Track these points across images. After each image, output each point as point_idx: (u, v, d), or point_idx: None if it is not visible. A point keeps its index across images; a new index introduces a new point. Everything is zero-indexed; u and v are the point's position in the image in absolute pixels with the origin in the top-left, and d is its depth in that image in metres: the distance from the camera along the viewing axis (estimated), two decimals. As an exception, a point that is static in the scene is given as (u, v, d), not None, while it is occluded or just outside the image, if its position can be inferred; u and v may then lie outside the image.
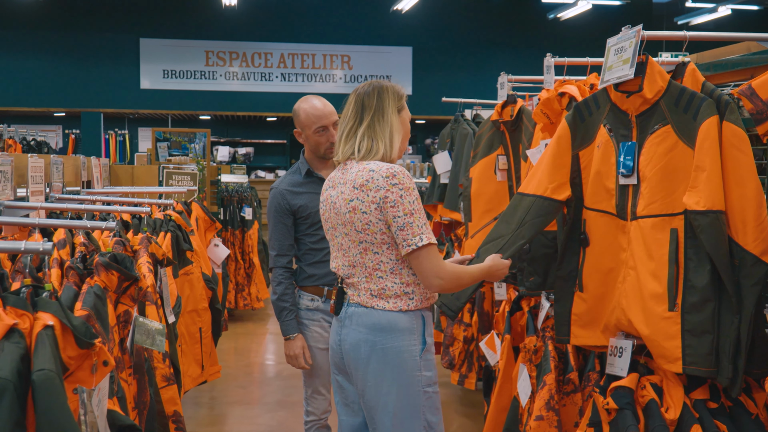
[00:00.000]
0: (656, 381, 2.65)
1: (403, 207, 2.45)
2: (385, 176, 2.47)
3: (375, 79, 2.71)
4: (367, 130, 2.58)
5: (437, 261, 2.48)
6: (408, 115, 2.70)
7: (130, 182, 6.04)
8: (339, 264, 2.65)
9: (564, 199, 2.87)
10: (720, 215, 2.42)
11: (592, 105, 2.81)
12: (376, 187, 2.47)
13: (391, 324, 2.54)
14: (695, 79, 2.62)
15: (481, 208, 4.19)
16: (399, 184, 2.46)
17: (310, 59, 15.41)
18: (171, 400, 2.94)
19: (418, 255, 2.47)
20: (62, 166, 3.85)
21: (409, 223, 2.45)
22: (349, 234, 2.56)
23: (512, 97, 4.00)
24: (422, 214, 2.48)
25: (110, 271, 2.40)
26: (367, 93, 2.62)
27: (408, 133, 2.71)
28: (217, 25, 14.97)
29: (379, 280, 2.55)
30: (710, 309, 2.48)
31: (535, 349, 3.47)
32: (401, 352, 2.54)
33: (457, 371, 4.95)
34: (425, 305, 2.61)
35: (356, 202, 2.51)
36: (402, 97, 2.66)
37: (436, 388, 2.62)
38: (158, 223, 3.87)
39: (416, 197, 2.48)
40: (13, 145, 9.41)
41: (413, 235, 2.45)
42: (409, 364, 2.55)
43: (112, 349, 2.35)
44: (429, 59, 15.65)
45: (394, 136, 2.60)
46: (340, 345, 2.63)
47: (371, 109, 2.60)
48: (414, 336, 2.56)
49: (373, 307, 2.56)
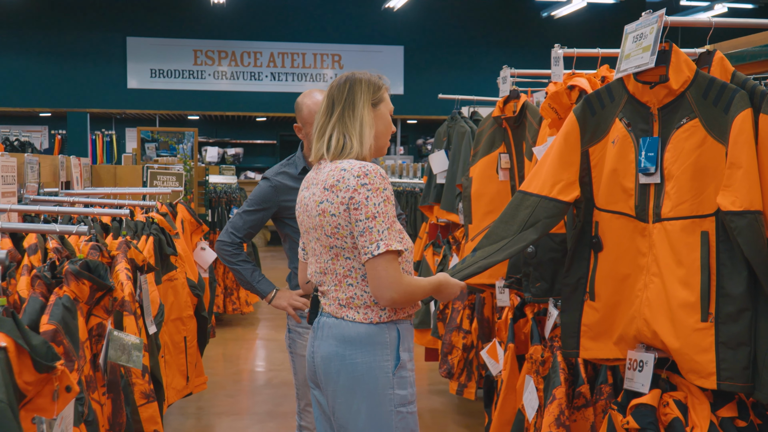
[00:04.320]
0: (680, 398, 2.44)
1: (366, 210, 2.25)
2: (356, 175, 2.27)
3: (355, 70, 2.50)
4: (337, 126, 2.38)
5: (393, 272, 2.26)
6: (388, 108, 2.49)
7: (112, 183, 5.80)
8: (312, 270, 2.47)
9: (571, 200, 2.63)
10: (758, 216, 2.21)
11: (605, 97, 2.59)
12: (345, 187, 2.28)
13: (360, 337, 2.34)
14: (724, 69, 2.40)
15: (482, 210, 3.97)
16: (368, 185, 2.26)
17: (300, 58, 15.21)
18: (151, 419, 2.71)
19: (374, 264, 2.26)
20: (38, 166, 3.61)
21: (369, 228, 2.24)
22: (320, 239, 2.37)
23: (515, 92, 3.79)
24: (388, 218, 2.26)
25: (81, 280, 2.17)
26: (338, 85, 2.43)
27: (388, 128, 2.49)
28: (206, 24, 14.75)
29: (349, 288, 2.35)
30: (747, 319, 2.26)
31: (542, 359, 3.26)
32: (372, 368, 2.33)
33: (455, 380, 4.73)
34: (402, 317, 2.40)
35: (326, 204, 2.32)
36: (379, 90, 2.45)
37: (411, 408, 2.40)
38: (140, 226, 3.64)
39: (385, 199, 2.27)
40: (-5, 145, 9.17)
41: (371, 242, 2.24)
42: (380, 382, 2.34)
43: (83, 367, 2.12)
44: (421, 58, 15.46)
45: (364, 131, 2.38)
46: (313, 357, 2.44)
47: (341, 102, 2.40)
48: (386, 351, 2.35)
49: (343, 317, 2.36)
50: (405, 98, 15.39)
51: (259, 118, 17.24)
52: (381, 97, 2.45)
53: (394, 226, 2.28)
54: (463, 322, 4.64)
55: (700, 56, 2.49)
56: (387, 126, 2.48)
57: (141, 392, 2.72)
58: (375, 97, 2.43)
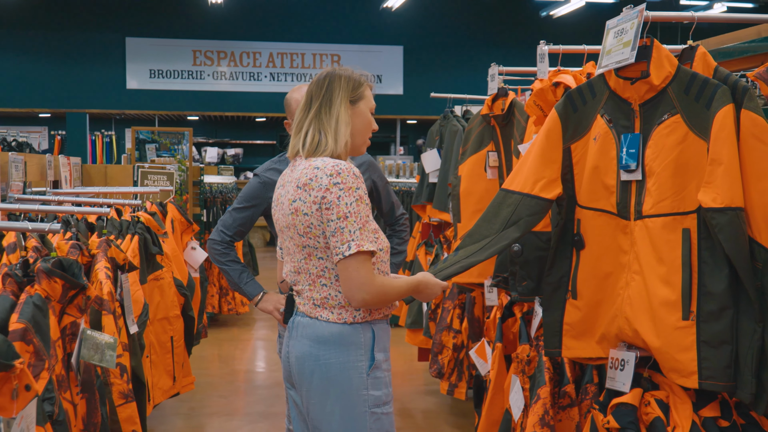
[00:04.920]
0: (662, 397, 2.41)
1: (338, 210, 2.21)
2: (329, 174, 2.23)
3: (336, 66, 2.46)
4: (313, 122, 2.35)
5: (365, 273, 2.23)
6: (368, 106, 2.43)
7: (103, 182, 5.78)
8: (287, 269, 2.44)
9: (554, 197, 2.60)
10: (740, 212, 2.18)
11: (587, 93, 2.56)
12: (318, 186, 2.24)
13: (334, 337, 2.31)
14: (707, 64, 2.37)
15: (471, 208, 3.94)
16: (340, 184, 2.22)
17: (299, 59, 15.18)
18: (129, 419, 2.69)
19: (345, 265, 2.22)
20: (22, 165, 3.59)
21: (340, 228, 2.21)
22: (293, 238, 2.34)
23: (503, 89, 3.76)
24: (360, 218, 2.23)
25: (53, 279, 2.14)
26: (318, 81, 2.40)
27: (367, 126, 2.44)
28: (205, 24, 14.73)
29: (323, 288, 2.32)
30: (729, 317, 2.23)
31: (528, 359, 3.23)
32: (346, 368, 2.30)
33: (446, 380, 4.70)
34: (377, 317, 2.37)
35: (298, 203, 2.28)
36: (359, 87, 2.40)
37: (387, 409, 2.37)
38: (125, 225, 3.61)
39: (357, 198, 2.23)
40: (-9, 145, 9.15)
41: (342, 242, 2.21)
42: (354, 382, 2.31)
43: (54, 366, 2.09)
44: (420, 58, 15.43)
45: (340, 128, 2.34)
46: (288, 357, 2.42)
47: (319, 98, 2.36)
48: (360, 351, 2.32)
49: (317, 317, 2.33)
50: (404, 98, 15.37)
51: (258, 119, 17.22)
52: (361, 94, 2.41)
53: (367, 225, 2.24)
54: (454, 322, 4.61)
55: (682, 52, 2.46)
56: (366, 124, 2.44)
57: (119, 392, 2.70)
58: (354, 94, 2.39)
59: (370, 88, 2.48)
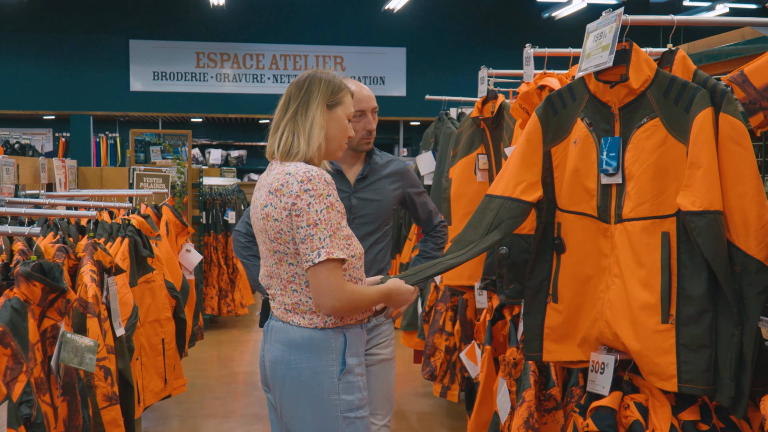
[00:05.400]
0: (641, 400, 2.41)
1: (308, 217, 2.21)
2: (299, 180, 2.22)
3: (320, 69, 2.46)
4: (289, 124, 2.34)
5: (335, 280, 2.22)
6: (346, 112, 2.42)
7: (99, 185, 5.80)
8: (262, 273, 2.45)
9: (534, 200, 2.60)
10: (718, 216, 2.18)
11: (567, 96, 2.56)
12: (288, 192, 2.23)
13: (305, 342, 2.31)
14: (686, 68, 2.37)
15: (462, 211, 3.96)
16: (311, 191, 2.21)
17: (302, 60, 15.18)
18: (113, 421, 2.70)
19: (315, 272, 2.22)
20: (14, 168, 3.61)
21: (310, 235, 2.21)
22: (265, 242, 2.35)
23: (493, 92, 3.77)
24: (331, 225, 2.22)
25: (32, 282, 2.16)
26: (298, 82, 2.39)
27: (343, 132, 2.42)
28: (208, 27, 14.76)
29: (294, 294, 2.33)
30: (708, 320, 2.24)
31: (514, 361, 3.24)
32: (317, 373, 2.31)
33: (439, 382, 4.71)
34: (350, 322, 2.37)
35: (269, 209, 2.29)
36: (338, 92, 2.39)
37: (361, 413, 2.37)
38: (115, 228, 3.63)
39: (327, 206, 2.23)
40: (-6, 148, 9.20)
41: (312, 249, 2.20)
42: (325, 387, 2.31)
43: (32, 369, 2.11)
44: (423, 60, 15.42)
45: (313, 132, 2.32)
46: (264, 361, 2.43)
47: (297, 100, 2.35)
48: (332, 356, 2.32)
49: (289, 322, 2.34)
50: (407, 100, 15.36)
51: (262, 120, 17.22)
52: (339, 99, 2.40)
53: (338, 233, 2.24)
54: (446, 324, 4.62)
55: (663, 55, 2.46)
56: (341, 130, 2.42)
57: (103, 395, 2.71)
58: (332, 99, 2.38)
59: (351, 96, 2.48)
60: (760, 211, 2.14)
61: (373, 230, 3.04)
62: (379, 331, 3.09)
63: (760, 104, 2.00)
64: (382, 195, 3.07)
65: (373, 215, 3.04)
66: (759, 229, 2.14)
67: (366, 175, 3.05)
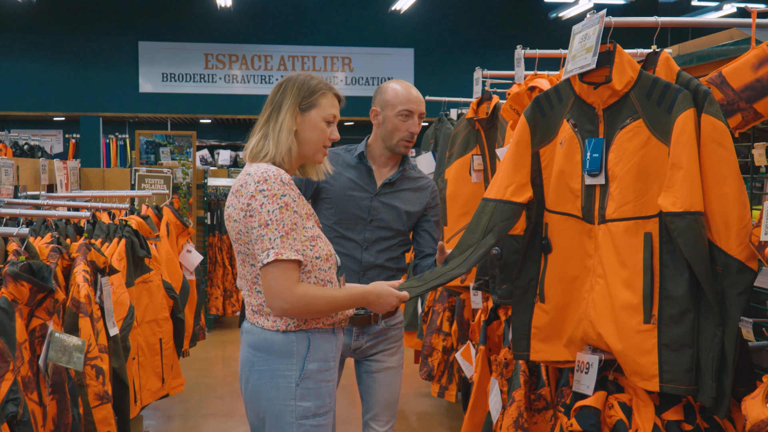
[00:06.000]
0: (625, 400, 2.42)
1: (260, 217, 2.20)
2: (256, 181, 2.22)
3: (300, 72, 2.50)
4: (263, 127, 2.35)
5: (283, 282, 2.19)
6: (322, 115, 2.38)
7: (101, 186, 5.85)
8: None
9: (524, 201, 2.61)
10: (699, 217, 2.19)
11: (554, 98, 2.57)
12: (246, 192, 2.23)
13: (267, 344, 2.30)
14: (669, 69, 2.38)
15: (457, 212, 3.97)
16: (265, 191, 2.20)
17: (310, 61, 15.21)
18: (104, 420, 2.73)
19: (264, 273, 2.21)
20: (12, 170, 3.65)
21: (261, 236, 2.19)
22: (233, 243, 2.37)
23: (487, 93, 3.78)
24: (283, 225, 2.20)
25: (20, 282, 2.19)
26: (277, 84, 2.41)
27: (319, 135, 2.38)
28: (216, 28, 14.81)
29: (258, 295, 2.32)
30: (690, 321, 2.25)
31: (506, 362, 3.25)
32: (275, 377, 2.29)
33: (436, 382, 4.72)
34: (316, 326, 2.33)
35: (230, 210, 2.30)
36: (311, 94, 2.36)
37: (319, 421, 2.32)
38: (112, 229, 3.67)
39: (281, 206, 2.20)
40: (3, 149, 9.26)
41: (262, 249, 2.19)
42: (281, 392, 2.29)
43: (19, 368, 2.14)
44: (431, 60, 15.43)
45: (282, 135, 2.31)
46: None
47: (272, 103, 2.37)
48: (291, 360, 2.29)
49: (255, 323, 2.33)
50: (415, 101, 15.35)
51: (270, 121, 17.26)
52: (313, 102, 2.37)
53: (291, 234, 2.21)
54: (443, 324, 4.63)
55: (647, 56, 2.47)
56: (317, 133, 2.39)
57: (95, 393, 2.75)
58: (305, 102, 2.36)
59: (336, 98, 2.45)
60: (741, 212, 2.15)
61: (388, 236, 3.01)
62: (386, 336, 3.06)
63: (738, 105, 2.01)
64: (403, 205, 3.04)
65: (390, 221, 3.01)
66: (740, 229, 2.15)
67: (394, 181, 3.03)
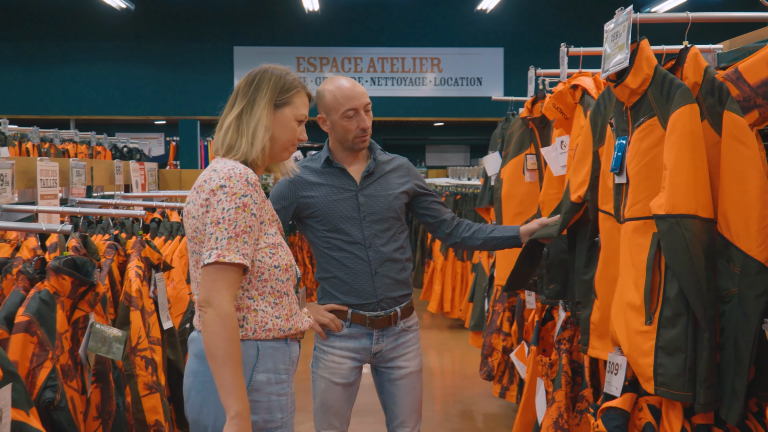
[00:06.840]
0: (654, 402, 2.38)
1: (213, 214, 2.04)
2: (221, 177, 2.07)
3: (274, 65, 2.26)
4: (234, 121, 2.18)
5: (220, 285, 2.01)
6: (294, 114, 2.23)
7: (177, 186, 6.07)
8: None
9: (576, 200, 2.72)
10: (681, 220, 2.14)
11: (606, 98, 2.60)
12: (207, 188, 2.08)
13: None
14: (697, 65, 2.33)
15: (512, 211, 3.96)
16: (227, 188, 2.05)
17: (399, 63, 15.33)
18: (153, 409, 2.86)
19: (204, 273, 2.04)
20: (84, 171, 3.86)
21: (210, 234, 2.04)
22: (188, 241, 2.19)
23: (542, 92, 3.76)
24: (236, 227, 2.03)
25: (61, 276, 2.33)
26: (248, 76, 2.23)
27: (289, 134, 2.23)
28: (307, 32, 15.10)
29: None
30: (683, 324, 2.18)
31: (550, 362, 3.24)
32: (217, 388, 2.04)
33: (497, 383, 4.71)
34: (266, 336, 2.13)
35: (190, 206, 2.15)
36: (287, 91, 2.21)
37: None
38: (175, 227, 3.83)
39: (239, 206, 2.04)
40: (102, 152, 9.71)
41: (207, 248, 2.03)
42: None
43: (59, 356, 2.28)
44: (521, 59, 15.25)
45: (258, 132, 2.16)
46: None
47: (245, 96, 2.19)
48: None
49: (200, 331, 2.11)
50: (505, 100, 15.25)
51: (363, 122, 17.47)
52: (288, 99, 2.22)
53: (242, 236, 2.05)
54: (503, 325, 4.62)
55: (679, 52, 2.42)
56: (288, 132, 2.23)
57: (144, 383, 2.88)
58: (281, 98, 2.21)
59: (307, 97, 2.30)
60: (763, 211, 2.09)
61: (384, 228, 2.94)
62: (405, 339, 3.01)
63: (755, 101, 1.95)
64: (389, 189, 2.98)
65: (382, 212, 2.94)
66: (761, 229, 2.08)
67: (372, 171, 2.97)
